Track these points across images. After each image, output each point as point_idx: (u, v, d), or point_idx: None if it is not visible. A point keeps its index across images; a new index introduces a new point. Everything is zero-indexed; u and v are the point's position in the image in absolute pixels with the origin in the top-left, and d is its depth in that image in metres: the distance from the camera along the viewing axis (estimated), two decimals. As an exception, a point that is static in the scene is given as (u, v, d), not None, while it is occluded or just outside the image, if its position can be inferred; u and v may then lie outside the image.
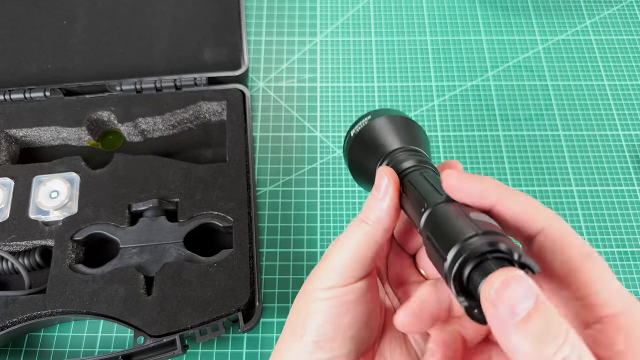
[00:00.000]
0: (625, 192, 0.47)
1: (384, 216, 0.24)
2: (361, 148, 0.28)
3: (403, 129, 0.28)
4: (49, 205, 0.41)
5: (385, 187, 0.24)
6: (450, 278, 0.18)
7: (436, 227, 0.20)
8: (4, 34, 0.51)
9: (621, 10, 0.58)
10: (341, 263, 0.24)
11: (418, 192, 0.23)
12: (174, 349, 0.36)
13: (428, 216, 0.21)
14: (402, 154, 0.26)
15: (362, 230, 0.24)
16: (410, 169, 0.25)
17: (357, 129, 0.29)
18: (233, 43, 0.51)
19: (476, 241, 0.18)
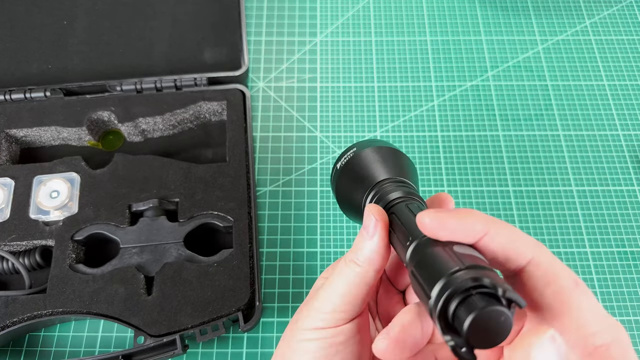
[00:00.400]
0: (625, 192, 0.47)
1: (374, 257, 0.23)
2: (347, 180, 0.28)
3: (389, 159, 0.27)
4: (50, 205, 0.41)
5: (373, 226, 0.23)
6: (436, 315, 0.18)
7: (420, 262, 0.20)
8: (4, 34, 0.51)
9: (621, 10, 0.58)
10: (331, 304, 0.23)
11: (403, 225, 0.22)
12: (174, 349, 0.36)
13: (412, 250, 0.21)
14: (389, 186, 0.25)
15: (352, 271, 0.23)
16: (397, 200, 0.24)
17: (342, 161, 0.29)
18: (233, 43, 0.51)
19: (460, 276, 0.17)
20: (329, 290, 0.23)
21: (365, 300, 0.24)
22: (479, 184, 0.47)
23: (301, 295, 0.42)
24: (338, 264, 0.24)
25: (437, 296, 0.18)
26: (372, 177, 0.26)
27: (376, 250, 0.23)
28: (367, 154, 0.28)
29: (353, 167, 0.28)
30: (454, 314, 0.17)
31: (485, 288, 0.17)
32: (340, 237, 0.45)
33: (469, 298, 0.17)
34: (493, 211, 0.46)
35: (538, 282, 0.19)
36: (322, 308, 0.23)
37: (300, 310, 0.25)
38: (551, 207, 0.47)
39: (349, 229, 0.45)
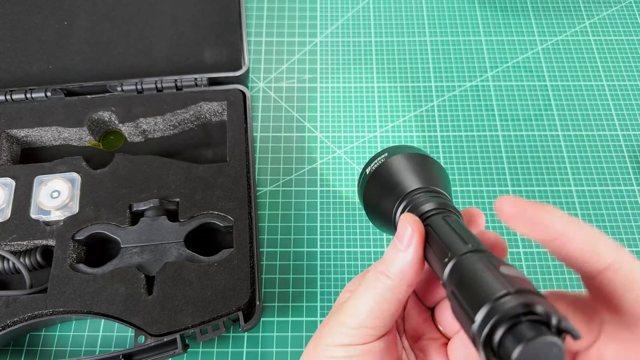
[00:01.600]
0: (624, 192, 0.47)
1: (407, 270, 0.21)
2: (377, 188, 0.26)
3: (422, 167, 0.26)
4: (50, 205, 0.41)
5: (408, 237, 0.21)
6: (480, 342, 0.16)
7: (462, 282, 0.18)
8: (5, 34, 0.51)
9: (620, 10, 0.58)
10: (360, 319, 0.21)
11: (441, 239, 0.21)
12: (175, 348, 0.36)
13: (452, 268, 0.19)
14: (422, 196, 0.24)
15: (382, 284, 0.21)
16: (431, 212, 0.23)
17: (372, 167, 0.27)
18: (233, 44, 0.51)
19: (509, 301, 0.16)
20: (356, 304, 0.22)
21: (395, 317, 0.22)
22: (479, 184, 0.48)
23: (301, 294, 0.43)
24: (367, 276, 0.23)
25: (482, 322, 0.16)
26: (404, 185, 0.25)
27: (410, 263, 0.21)
28: (399, 161, 0.26)
29: (383, 173, 0.26)
30: (500, 342, 0.16)
31: (536, 315, 0.16)
32: (340, 237, 0.45)
33: (517, 326, 0.16)
34: (492, 211, 0.46)
35: (618, 287, 0.18)
36: (349, 323, 0.22)
37: (324, 325, 0.23)
38: (551, 207, 0.47)
39: (348, 229, 0.45)
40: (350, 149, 0.49)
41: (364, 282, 0.22)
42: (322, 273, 0.43)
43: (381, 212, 0.26)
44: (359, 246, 0.45)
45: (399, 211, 0.25)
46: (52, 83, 0.48)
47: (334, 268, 0.44)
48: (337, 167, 0.48)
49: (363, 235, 0.45)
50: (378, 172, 0.27)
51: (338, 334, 0.22)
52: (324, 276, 0.43)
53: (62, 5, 0.53)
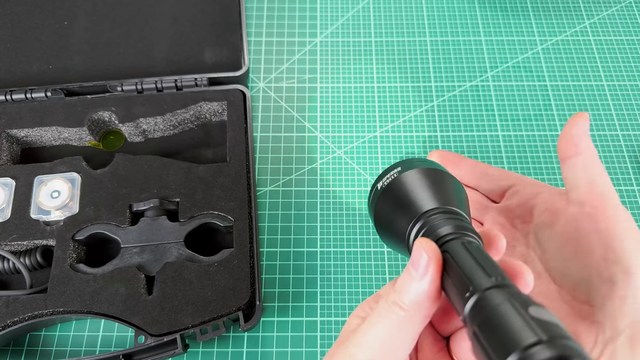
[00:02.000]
0: (624, 192, 0.47)
1: (423, 301, 0.20)
2: (389, 205, 0.25)
3: (438, 184, 0.24)
4: (50, 205, 0.41)
5: (424, 266, 0.20)
6: None
7: (487, 323, 0.17)
8: (5, 34, 0.51)
9: (620, 10, 0.58)
10: (370, 353, 0.20)
11: (461, 270, 0.19)
12: (175, 348, 0.36)
13: (474, 305, 0.18)
14: (439, 217, 0.22)
15: (396, 315, 0.20)
16: (449, 236, 0.21)
17: (385, 181, 0.25)
18: (233, 44, 0.51)
19: (540, 352, 0.15)
20: (367, 336, 0.20)
21: (409, 350, 0.21)
22: (479, 184, 0.48)
23: (301, 294, 0.43)
24: (378, 305, 0.21)
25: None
26: (419, 204, 0.23)
27: (426, 294, 0.20)
28: (413, 176, 0.24)
29: (396, 190, 0.25)
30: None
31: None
32: (340, 237, 0.45)
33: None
34: (493, 211, 0.46)
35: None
36: (358, 355, 0.20)
37: (333, 354, 0.22)
38: (550, 207, 0.47)
39: (348, 229, 0.45)
40: (350, 149, 0.49)
41: (375, 312, 0.21)
42: (322, 273, 0.43)
43: (394, 232, 0.24)
44: (359, 246, 0.45)
45: (413, 233, 0.23)
46: (52, 83, 0.49)
47: (334, 268, 0.44)
48: (337, 167, 0.48)
49: (363, 235, 0.45)
50: (390, 187, 0.25)
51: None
52: (324, 276, 0.43)
53: (62, 5, 0.53)
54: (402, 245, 0.24)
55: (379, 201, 0.25)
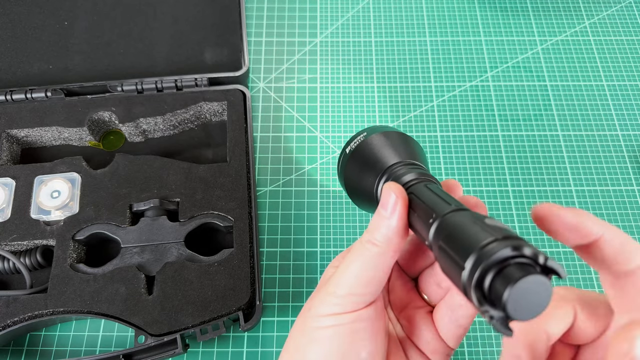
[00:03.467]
0: (624, 192, 0.47)
1: (393, 236, 0.22)
2: (358, 165, 0.27)
3: (401, 143, 0.27)
4: (50, 205, 0.41)
5: (392, 204, 0.22)
6: (471, 287, 0.17)
7: (449, 236, 0.19)
8: (6, 34, 0.51)
9: (620, 11, 0.58)
10: (348, 287, 0.22)
11: (425, 204, 0.21)
12: (175, 348, 0.36)
13: (438, 226, 0.20)
14: (402, 168, 0.25)
15: (369, 251, 0.22)
16: (413, 182, 0.24)
17: (352, 146, 0.28)
18: (233, 44, 0.51)
19: (497, 246, 0.17)
20: (345, 273, 0.22)
21: (382, 283, 0.23)
22: (479, 184, 0.48)
23: (301, 294, 0.43)
24: (353, 247, 0.23)
25: (472, 268, 0.17)
26: (385, 161, 0.26)
27: (395, 229, 0.22)
28: (379, 138, 0.27)
29: (364, 151, 0.27)
30: (491, 285, 0.17)
31: (522, 258, 0.17)
32: (340, 237, 0.45)
33: (506, 268, 0.17)
34: (492, 211, 0.46)
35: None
36: (338, 292, 0.22)
37: (312, 298, 0.24)
38: (550, 207, 0.47)
39: (348, 229, 0.45)
40: (350, 149, 0.49)
41: (351, 252, 0.23)
42: (322, 273, 0.43)
43: (363, 189, 0.27)
44: (359, 246, 0.45)
45: (380, 185, 0.25)
46: (52, 83, 0.49)
47: (334, 268, 0.44)
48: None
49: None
50: (358, 150, 0.27)
51: (327, 304, 0.22)
52: (324, 276, 0.43)
53: (63, 6, 0.53)
54: (373, 202, 0.26)
55: (348, 164, 0.28)
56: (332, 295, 0.22)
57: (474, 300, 0.17)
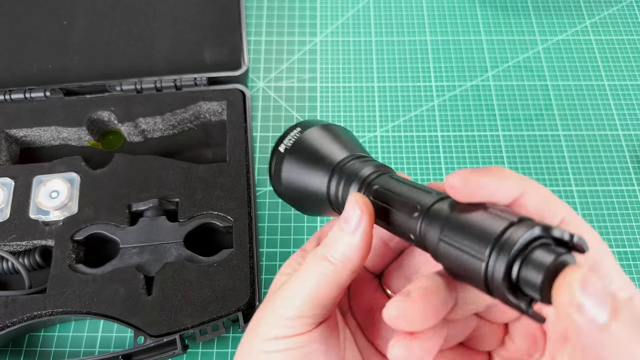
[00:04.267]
0: (625, 192, 0.47)
1: (353, 255, 0.19)
2: (300, 162, 0.24)
3: (343, 135, 0.25)
4: (49, 205, 0.41)
5: (357, 219, 0.19)
6: (501, 277, 0.15)
7: (453, 227, 0.17)
8: (5, 34, 0.51)
9: (621, 10, 0.58)
10: (297, 309, 0.20)
11: (401, 196, 0.20)
12: (174, 349, 0.36)
13: (430, 217, 0.18)
14: (355, 162, 0.23)
15: (324, 269, 0.20)
16: (375, 174, 0.21)
17: (287, 143, 0.25)
18: (233, 43, 0.51)
19: (518, 231, 0.15)
20: (294, 292, 0.20)
21: (337, 301, 0.20)
22: (479, 184, 0.47)
23: (301, 295, 0.42)
24: (306, 260, 0.21)
25: (498, 256, 0.15)
26: (332, 157, 0.23)
27: (358, 246, 0.19)
28: (317, 132, 0.24)
29: (305, 147, 0.24)
30: (519, 274, 0.15)
31: (546, 239, 0.16)
32: (340, 237, 0.45)
33: (532, 253, 0.15)
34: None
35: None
36: (286, 313, 0.20)
37: (259, 316, 0.21)
38: (551, 207, 0.46)
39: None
40: (351, 149, 0.49)
41: (302, 268, 0.20)
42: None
43: (310, 191, 0.24)
44: (359, 246, 0.44)
45: (333, 184, 0.23)
46: (51, 83, 0.48)
47: (334, 268, 0.43)
48: (337, 167, 0.48)
49: (363, 236, 0.45)
50: (297, 147, 0.24)
51: (274, 327, 0.20)
52: (324, 276, 0.43)
53: (62, 5, 0.53)
54: (322, 204, 0.24)
55: (286, 162, 0.24)
56: (279, 317, 0.20)
57: (505, 290, 0.15)
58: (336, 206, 0.23)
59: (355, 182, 0.22)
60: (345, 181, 0.22)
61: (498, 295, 0.16)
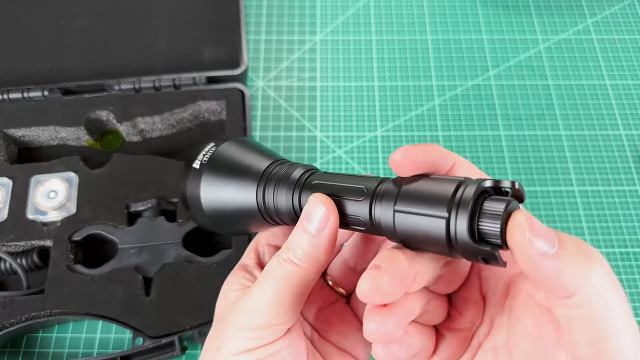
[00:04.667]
0: (627, 192, 0.47)
1: (321, 255, 0.19)
2: (221, 176, 0.23)
3: (258, 145, 0.25)
4: (48, 205, 0.41)
5: (322, 219, 0.19)
6: (466, 228, 0.16)
7: (404, 197, 0.18)
8: (3, 33, 0.51)
9: (622, 9, 0.57)
10: (265, 318, 0.19)
11: (344, 186, 0.20)
12: (173, 350, 0.36)
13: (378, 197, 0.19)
14: (281, 167, 0.23)
15: (291, 273, 0.19)
16: (307, 174, 0.22)
17: (204, 159, 0.24)
18: (232, 42, 0.51)
19: (468, 188, 0.17)
20: (259, 301, 0.19)
21: (302, 306, 0.20)
22: (480, 184, 0.47)
23: (301, 296, 0.42)
24: (267, 267, 0.20)
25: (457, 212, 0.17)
26: (256, 166, 0.23)
27: (324, 246, 0.19)
28: (234, 146, 0.24)
29: (224, 161, 0.24)
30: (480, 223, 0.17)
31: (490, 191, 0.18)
32: (340, 237, 0.45)
33: (484, 205, 0.17)
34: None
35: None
36: (254, 324, 0.19)
37: (216, 334, 0.20)
38: (552, 207, 0.46)
39: (349, 230, 0.45)
40: (351, 149, 0.49)
41: (265, 275, 0.20)
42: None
43: (235, 202, 0.23)
44: (359, 247, 0.44)
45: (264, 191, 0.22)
46: (49, 82, 0.48)
47: (334, 269, 0.43)
48: (337, 167, 0.48)
49: (363, 236, 0.45)
50: (215, 161, 0.24)
51: (241, 339, 0.19)
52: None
53: (61, 5, 0.53)
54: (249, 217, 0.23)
55: (205, 177, 0.24)
56: (246, 329, 0.19)
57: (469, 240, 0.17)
58: (268, 215, 0.23)
59: (289, 185, 0.22)
60: (278, 186, 0.22)
61: (461, 250, 0.17)
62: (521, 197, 0.18)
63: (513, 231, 0.16)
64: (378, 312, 0.18)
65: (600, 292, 0.16)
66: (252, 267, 0.24)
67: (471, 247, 0.17)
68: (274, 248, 0.25)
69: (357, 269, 0.24)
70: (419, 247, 0.19)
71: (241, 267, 0.24)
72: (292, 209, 0.22)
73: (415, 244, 0.19)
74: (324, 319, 0.24)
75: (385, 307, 0.18)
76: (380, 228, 0.19)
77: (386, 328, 0.18)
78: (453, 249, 0.17)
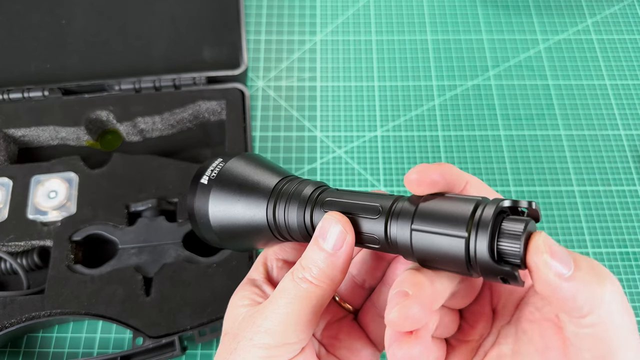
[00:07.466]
0: (627, 192, 0.47)
1: (337, 274, 0.19)
2: (230, 192, 0.23)
3: (266, 162, 0.24)
4: (48, 205, 0.41)
5: (339, 238, 0.19)
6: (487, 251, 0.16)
7: (422, 216, 0.18)
8: (3, 33, 0.51)
9: (622, 9, 0.57)
10: (282, 336, 0.19)
11: (358, 203, 0.20)
12: (173, 350, 0.36)
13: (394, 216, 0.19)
14: (291, 184, 0.22)
15: (307, 292, 0.19)
16: (318, 190, 0.22)
17: (212, 174, 0.24)
18: (232, 42, 0.51)
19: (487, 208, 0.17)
20: (274, 320, 0.19)
21: (317, 324, 0.20)
22: (480, 184, 0.47)
23: (301, 296, 0.42)
24: (281, 286, 0.20)
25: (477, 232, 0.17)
26: (266, 183, 0.23)
27: (340, 265, 0.19)
28: (243, 162, 0.24)
29: (233, 177, 0.23)
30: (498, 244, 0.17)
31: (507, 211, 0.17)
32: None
33: (502, 225, 0.17)
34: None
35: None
36: (269, 342, 0.19)
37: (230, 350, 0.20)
38: (552, 208, 0.46)
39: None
40: (351, 149, 0.49)
41: (280, 293, 0.20)
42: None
43: (244, 218, 0.23)
44: (359, 247, 0.44)
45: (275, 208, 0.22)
46: (49, 82, 0.48)
47: (333, 269, 0.43)
48: (337, 167, 0.48)
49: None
50: (224, 177, 0.23)
51: (255, 358, 0.19)
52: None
53: (60, 5, 0.53)
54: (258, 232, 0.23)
55: (214, 193, 0.23)
56: (260, 348, 0.19)
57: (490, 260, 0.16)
58: (278, 231, 0.23)
59: (301, 201, 0.22)
60: (289, 203, 0.22)
61: (480, 269, 0.17)
62: (537, 217, 0.17)
63: (533, 252, 0.16)
64: (407, 340, 0.17)
65: (612, 313, 0.16)
66: (261, 281, 0.23)
67: (491, 266, 0.17)
68: (283, 262, 0.24)
69: (365, 285, 0.24)
70: (436, 266, 0.18)
71: (249, 282, 0.23)
72: (304, 226, 0.22)
73: (432, 263, 0.18)
74: (331, 335, 0.23)
75: (412, 335, 0.18)
76: (395, 246, 0.19)
77: (414, 354, 0.17)
78: (472, 268, 0.17)
